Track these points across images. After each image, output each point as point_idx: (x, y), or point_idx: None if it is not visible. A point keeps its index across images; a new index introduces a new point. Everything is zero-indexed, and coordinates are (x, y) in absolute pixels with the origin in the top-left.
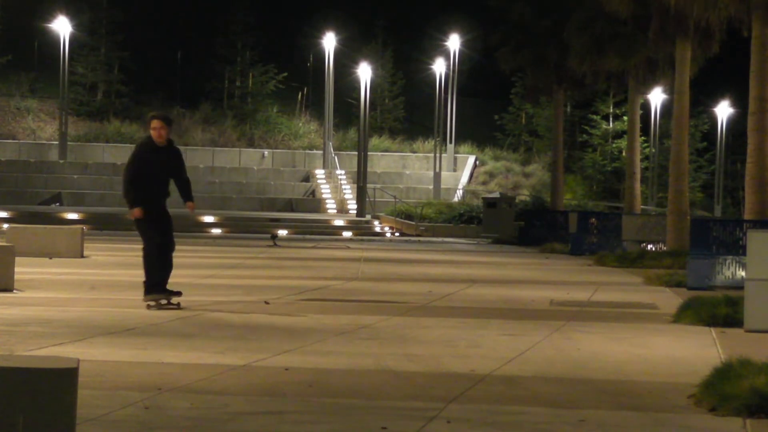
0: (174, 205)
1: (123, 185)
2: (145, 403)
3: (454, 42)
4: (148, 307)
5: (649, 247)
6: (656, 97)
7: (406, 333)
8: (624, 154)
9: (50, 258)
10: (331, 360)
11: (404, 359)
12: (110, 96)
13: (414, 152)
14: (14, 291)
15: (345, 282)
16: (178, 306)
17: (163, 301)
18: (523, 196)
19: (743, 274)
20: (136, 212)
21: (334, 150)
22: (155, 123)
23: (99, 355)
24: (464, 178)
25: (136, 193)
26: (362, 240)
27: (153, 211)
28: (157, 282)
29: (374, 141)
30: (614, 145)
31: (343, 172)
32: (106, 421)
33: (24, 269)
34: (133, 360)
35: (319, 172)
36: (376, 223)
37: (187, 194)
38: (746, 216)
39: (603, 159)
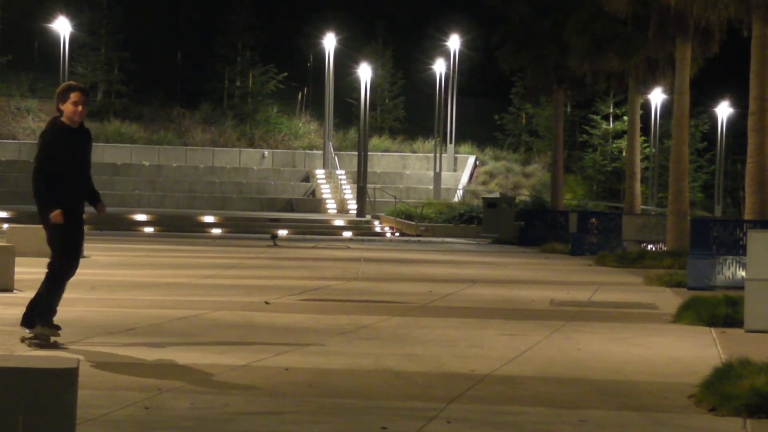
0: (174, 205)
1: (33, 183)
2: (145, 403)
3: (454, 42)
4: (26, 340)
5: (649, 247)
6: (656, 97)
7: (406, 333)
8: (624, 154)
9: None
10: (331, 360)
11: (404, 359)
12: (110, 96)
13: (414, 152)
14: (14, 291)
15: (345, 282)
16: (55, 344)
17: (53, 339)
18: (523, 196)
19: (743, 274)
20: (57, 216)
21: (334, 150)
22: (76, 96)
23: (99, 355)
24: (464, 178)
25: (53, 191)
26: (362, 240)
27: (71, 216)
28: (53, 311)
29: (374, 141)
30: (614, 145)
31: (343, 172)
32: (106, 421)
33: (24, 269)
34: (133, 360)
35: (319, 172)
36: (376, 223)
37: (95, 193)
38: (746, 216)
39: (603, 159)
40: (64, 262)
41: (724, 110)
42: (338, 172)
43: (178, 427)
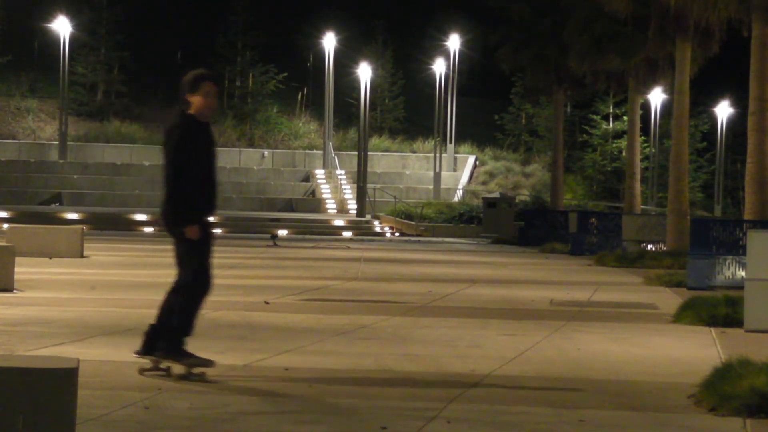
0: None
1: (167, 189)
2: (145, 403)
3: (454, 42)
4: (146, 372)
5: (649, 247)
6: (656, 97)
7: (406, 333)
8: (624, 154)
9: (50, 258)
10: (331, 360)
11: (404, 359)
12: (110, 96)
13: (414, 152)
14: (14, 291)
15: (345, 282)
16: (201, 376)
17: (199, 370)
18: (523, 196)
19: (743, 274)
20: (194, 231)
21: (334, 150)
22: (210, 86)
23: (99, 355)
24: (464, 178)
25: (193, 201)
26: (362, 240)
27: (206, 227)
28: (185, 337)
29: (374, 141)
30: (614, 145)
31: (343, 172)
32: (106, 421)
33: (24, 269)
34: (133, 360)
35: (319, 172)
36: (376, 223)
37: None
38: (746, 216)
39: (603, 159)
40: (201, 279)
41: (724, 110)
42: (338, 172)
43: (178, 427)
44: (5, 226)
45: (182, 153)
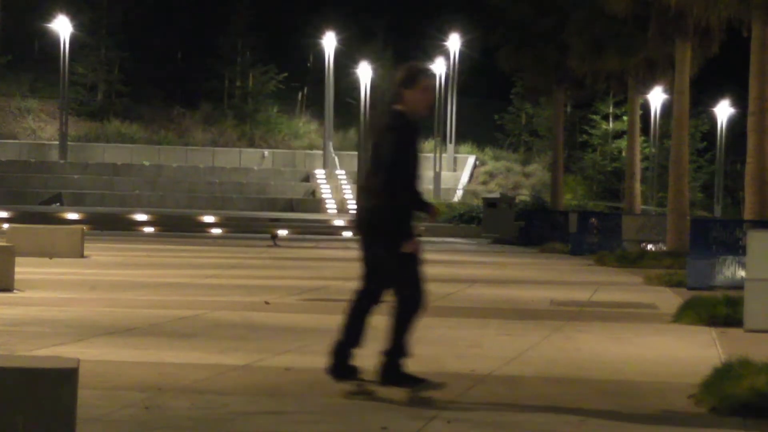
0: (174, 205)
1: (386, 198)
2: (145, 403)
3: (454, 42)
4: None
5: (649, 247)
6: (656, 97)
7: None
8: (624, 154)
9: (50, 258)
10: None
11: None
12: (110, 96)
13: None
14: (14, 291)
15: (345, 282)
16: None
17: (432, 393)
18: (524, 196)
19: (743, 274)
20: (414, 245)
21: (334, 150)
22: (429, 82)
23: (99, 355)
24: (464, 178)
25: (410, 211)
26: None
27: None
28: (403, 358)
29: None
30: (614, 145)
31: (343, 172)
32: (106, 421)
33: (24, 269)
34: (133, 360)
35: (319, 172)
36: None
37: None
38: (746, 216)
39: (603, 159)
40: (416, 295)
41: (724, 110)
42: (338, 172)
43: (178, 427)
44: (5, 226)
45: (400, 157)
